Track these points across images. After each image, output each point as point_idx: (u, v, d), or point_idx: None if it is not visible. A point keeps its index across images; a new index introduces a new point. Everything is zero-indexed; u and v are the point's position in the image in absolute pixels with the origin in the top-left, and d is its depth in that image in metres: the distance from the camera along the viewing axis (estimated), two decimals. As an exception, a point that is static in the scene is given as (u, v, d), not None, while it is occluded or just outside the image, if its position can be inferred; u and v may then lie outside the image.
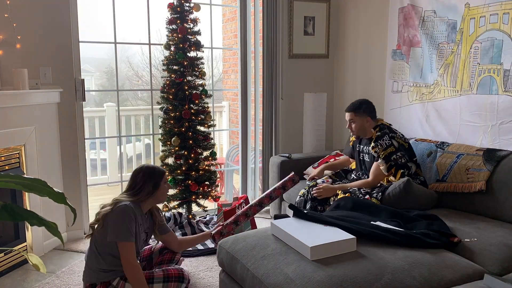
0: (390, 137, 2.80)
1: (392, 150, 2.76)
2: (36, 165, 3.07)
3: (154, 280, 2.17)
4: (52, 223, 1.20)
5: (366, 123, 2.90)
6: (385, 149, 2.77)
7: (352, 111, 2.92)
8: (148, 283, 2.15)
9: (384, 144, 2.78)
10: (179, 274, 2.21)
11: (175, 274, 2.20)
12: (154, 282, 2.16)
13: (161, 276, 2.18)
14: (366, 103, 2.93)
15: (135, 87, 11.52)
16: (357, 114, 2.90)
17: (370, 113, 2.91)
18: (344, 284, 1.72)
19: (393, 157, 2.74)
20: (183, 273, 2.23)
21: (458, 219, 2.50)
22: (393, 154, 2.75)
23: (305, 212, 2.28)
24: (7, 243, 2.88)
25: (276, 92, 3.99)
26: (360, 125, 2.91)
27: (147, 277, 2.17)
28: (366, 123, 2.90)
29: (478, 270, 1.98)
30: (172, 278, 2.19)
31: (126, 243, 2.10)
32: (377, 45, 3.82)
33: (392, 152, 2.75)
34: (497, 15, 2.80)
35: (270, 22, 3.88)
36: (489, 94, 2.88)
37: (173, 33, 3.33)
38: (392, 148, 2.76)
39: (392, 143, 2.78)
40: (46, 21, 3.15)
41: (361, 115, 2.89)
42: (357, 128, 2.92)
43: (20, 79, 2.95)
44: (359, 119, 2.90)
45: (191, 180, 3.38)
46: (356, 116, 2.90)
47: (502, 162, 2.59)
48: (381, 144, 2.78)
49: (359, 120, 2.90)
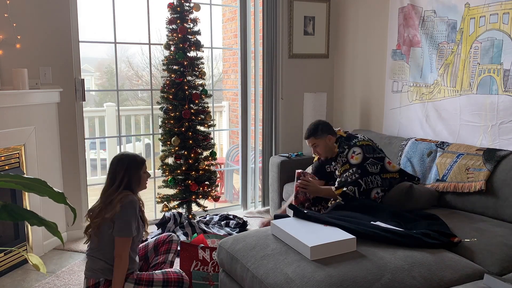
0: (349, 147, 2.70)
1: (347, 167, 2.68)
2: (36, 165, 3.07)
3: (153, 283, 2.16)
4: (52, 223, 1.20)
5: (329, 142, 2.78)
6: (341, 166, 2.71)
7: (312, 136, 2.79)
8: (148, 286, 2.15)
9: (341, 161, 2.73)
10: (179, 279, 2.21)
11: (175, 278, 2.20)
12: (153, 285, 2.16)
13: (160, 280, 2.18)
14: (321, 123, 2.82)
15: (135, 87, 11.52)
16: (317, 137, 2.77)
17: (328, 131, 2.79)
18: (344, 284, 1.72)
19: (345, 174, 2.66)
20: (182, 277, 2.23)
21: (458, 219, 2.50)
22: (346, 171, 2.67)
23: (305, 212, 2.28)
24: (7, 243, 2.88)
25: (276, 92, 3.99)
26: (324, 146, 2.78)
27: (147, 280, 2.16)
28: (329, 142, 2.78)
29: (478, 270, 1.98)
30: (172, 282, 2.19)
31: (126, 239, 2.11)
32: (377, 45, 3.82)
33: (346, 170, 2.67)
34: (497, 15, 2.80)
35: (270, 22, 3.88)
36: (489, 94, 2.88)
37: (173, 33, 3.33)
38: (347, 165, 2.68)
39: (348, 160, 2.68)
40: (46, 21, 3.15)
41: (321, 136, 2.77)
42: (323, 150, 2.80)
43: (20, 79, 2.95)
44: (321, 141, 2.77)
45: (191, 180, 3.38)
46: (317, 139, 2.77)
47: (502, 162, 2.59)
48: (339, 161, 2.74)
49: (322, 142, 2.78)
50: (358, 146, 2.69)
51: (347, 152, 2.70)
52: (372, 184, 2.62)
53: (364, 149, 2.67)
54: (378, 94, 3.80)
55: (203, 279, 2.45)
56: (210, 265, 2.45)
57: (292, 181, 3.53)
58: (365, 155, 2.65)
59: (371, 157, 2.66)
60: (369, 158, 2.65)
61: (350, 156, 2.68)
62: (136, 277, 2.16)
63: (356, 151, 2.67)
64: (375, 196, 2.61)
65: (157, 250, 2.45)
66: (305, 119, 4.10)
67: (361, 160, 2.64)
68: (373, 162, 2.65)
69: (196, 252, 2.45)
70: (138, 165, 2.24)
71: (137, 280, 2.16)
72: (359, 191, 2.59)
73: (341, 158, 2.73)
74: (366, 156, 2.65)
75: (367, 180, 2.61)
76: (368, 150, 2.68)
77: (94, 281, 2.14)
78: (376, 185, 2.63)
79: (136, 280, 2.15)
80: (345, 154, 2.71)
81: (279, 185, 3.62)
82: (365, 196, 2.60)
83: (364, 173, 2.62)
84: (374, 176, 2.63)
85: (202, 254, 2.45)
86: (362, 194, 2.60)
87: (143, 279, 2.17)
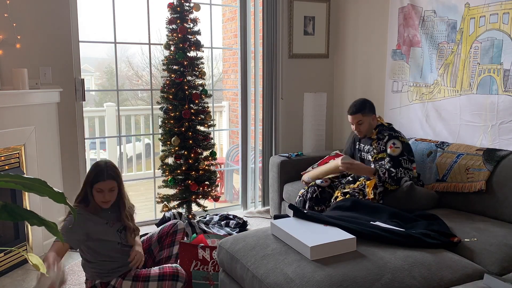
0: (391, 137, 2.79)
1: (383, 156, 2.76)
2: (36, 165, 3.06)
3: (150, 278, 2.18)
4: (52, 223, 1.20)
5: (372, 121, 2.87)
6: (377, 153, 2.79)
7: (359, 112, 2.84)
8: (144, 281, 2.16)
9: (379, 148, 2.80)
10: (174, 273, 2.21)
11: (170, 272, 2.21)
12: (150, 280, 2.18)
13: (156, 274, 2.20)
14: (368, 101, 2.91)
15: (135, 87, 11.52)
16: (364, 115, 2.84)
17: (374, 110, 2.90)
18: (344, 284, 1.72)
19: (380, 162, 2.75)
20: (178, 272, 2.23)
21: (458, 219, 2.50)
22: (382, 160, 2.76)
23: (305, 212, 2.28)
24: (7, 243, 2.88)
25: (276, 92, 3.99)
26: (368, 125, 2.87)
27: (144, 275, 2.18)
28: (373, 121, 2.87)
29: (478, 270, 1.98)
30: (166, 276, 2.19)
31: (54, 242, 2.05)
32: (377, 45, 3.82)
33: (382, 158, 2.76)
34: (497, 15, 2.80)
35: (270, 22, 3.88)
36: (489, 94, 2.88)
37: (173, 33, 3.33)
38: (383, 154, 2.77)
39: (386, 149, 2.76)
40: (46, 21, 3.15)
41: (368, 114, 2.85)
42: (366, 128, 2.87)
43: (20, 79, 2.94)
44: (367, 118, 2.85)
45: (191, 180, 3.38)
46: (364, 117, 2.84)
47: (502, 162, 2.59)
48: (376, 147, 2.82)
49: (367, 120, 2.85)
50: (400, 141, 2.76)
51: (387, 140, 2.77)
52: (403, 175, 2.70)
53: (404, 146, 2.76)
54: (378, 94, 3.80)
55: (203, 279, 2.45)
56: (210, 265, 2.44)
57: (292, 181, 3.54)
58: (403, 152, 2.74)
59: (407, 156, 2.75)
60: (405, 156, 2.74)
61: (389, 145, 2.75)
62: (134, 274, 2.19)
63: (396, 144, 2.75)
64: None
65: (161, 243, 2.45)
66: (305, 119, 4.10)
67: (398, 154, 2.72)
68: (406, 161, 2.74)
69: (196, 252, 2.45)
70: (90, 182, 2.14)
71: (134, 277, 2.18)
72: (390, 177, 2.66)
73: (380, 145, 2.80)
74: (404, 153, 2.74)
75: (399, 171, 2.69)
76: (407, 149, 2.78)
77: (91, 284, 2.18)
78: (407, 176, 2.71)
79: (134, 277, 2.18)
80: (384, 142, 2.78)
81: (279, 185, 3.62)
82: (395, 184, 2.66)
83: (398, 165, 2.70)
84: (407, 170, 2.71)
85: (202, 254, 2.44)
86: (394, 181, 2.66)
87: (141, 275, 2.19)
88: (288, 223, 2.18)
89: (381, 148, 2.79)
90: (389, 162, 2.71)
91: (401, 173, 2.68)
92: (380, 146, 2.79)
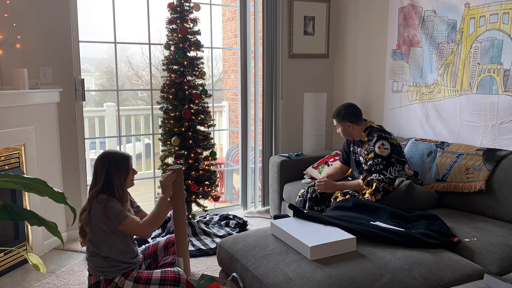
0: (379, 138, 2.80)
1: (372, 156, 2.78)
2: (36, 165, 3.07)
3: (151, 281, 2.18)
4: (52, 223, 1.20)
5: (348, 128, 2.94)
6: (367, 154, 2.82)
7: (334, 117, 3.01)
8: (146, 284, 2.16)
9: (368, 149, 2.83)
10: (175, 278, 2.21)
11: (171, 277, 2.21)
12: (151, 283, 2.17)
13: (158, 278, 2.19)
14: (345, 111, 2.94)
15: (135, 87, 11.52)
16: (338, 120, 2.98)
17: (349, 118, 2.92)
18: (344, 284, 1.72)
19: (369, 162, 2.77)
20: (179, 277, 2.23)
21: (458, 219, 2.50)
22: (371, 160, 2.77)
23: (305, 212, 2.28)
24: (7, 243, 2.88)
25: (276, 92, 3.99)
26: (342, 130, 2.98)
27: (145, 278, 2.18)
28: (349, 128, 2.94)
29: (478, 270, 1.98)
30: (168, 281, 2.19)
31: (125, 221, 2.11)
32: (377, 45, 3.82)
33: (371, 158, 2.78)
34: (497, 15, 2.80)
35: (270, 22, 3.88)
36: (489, 94, 2.88)
37: (173, 32, 3.33)
38: (372, 154, 2.78)
39: (374, 149, 2.78)
40: (46, 21, 3.15)
41: (342, 121, 2.96)
42: (342, 132, 3.00)
43: (20, 79, 2.95)
44: (341, 125, 2.97)
45: (191, 180, 3.38)
46: (338, 122, 2.99)
47: (502, 162, 2.59)
48: (366, 149, 2.84)
49: (341, 125, 2.97)
50: (389, 143, 2.79)
51: (375, 141, 2.80)
52: (396, 174, 2.73)
53: (393, 148, 2.78)
54: (378, 94, 3.80)
55: None
56: None
57: (292, 181, 3.54)
58: (392, 154, 2.76)
59: (395, 158, 2.77)
60: (393, 158, 2.76)
61: (378, 146, 2.78)
62: (136, 275, 2.18)
63: (385, 145, 2.78)
64: (399, 183, 2.69)
65: (167, 250, 2.46)
66: (305, 119, 4.10)
67: (386, 156, 2.75)
68: (395, 163, 2.76)
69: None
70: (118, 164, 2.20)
71: (136, 279, 2.18)
72: (384, 181, 2.68)
73: (369, 146, 2.84)
74: (392, 155, 2.76)
75: (390, 170, 2.72)
76: (396, 151, 2.79)
77: (95, 280, 2.17)
78: (400, 175, 2.74)
79: (136, 279, 2.18)
80: (373, 142, 2.81)
81: (279, 185, 3.62)
82: (391, 183, 2.68)
83: (389, 165, 2.73)
84: (397, 171, 2.74)
85: None
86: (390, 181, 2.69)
87: (142, 277, 2.18)
88: (288, 223, 2.19)
89: (370, 149, 2.83)
90: (380, 164, 2.73)
91: (394, 171, 2.72)
92: (369, 147, 2.84)
